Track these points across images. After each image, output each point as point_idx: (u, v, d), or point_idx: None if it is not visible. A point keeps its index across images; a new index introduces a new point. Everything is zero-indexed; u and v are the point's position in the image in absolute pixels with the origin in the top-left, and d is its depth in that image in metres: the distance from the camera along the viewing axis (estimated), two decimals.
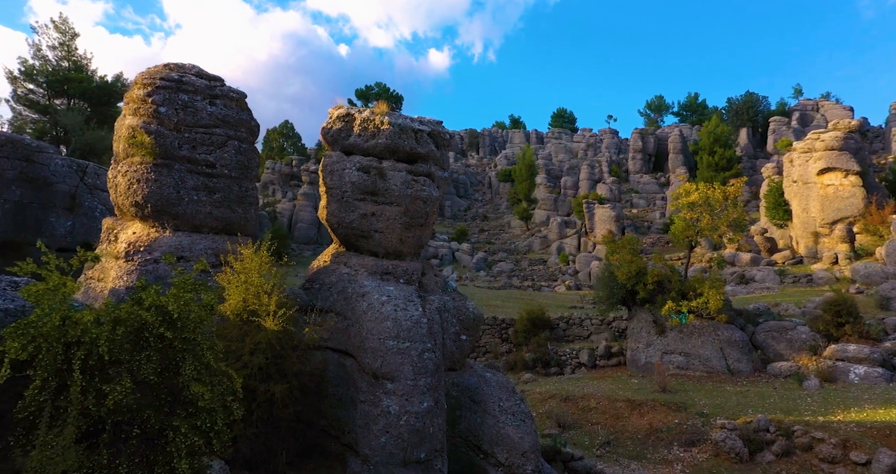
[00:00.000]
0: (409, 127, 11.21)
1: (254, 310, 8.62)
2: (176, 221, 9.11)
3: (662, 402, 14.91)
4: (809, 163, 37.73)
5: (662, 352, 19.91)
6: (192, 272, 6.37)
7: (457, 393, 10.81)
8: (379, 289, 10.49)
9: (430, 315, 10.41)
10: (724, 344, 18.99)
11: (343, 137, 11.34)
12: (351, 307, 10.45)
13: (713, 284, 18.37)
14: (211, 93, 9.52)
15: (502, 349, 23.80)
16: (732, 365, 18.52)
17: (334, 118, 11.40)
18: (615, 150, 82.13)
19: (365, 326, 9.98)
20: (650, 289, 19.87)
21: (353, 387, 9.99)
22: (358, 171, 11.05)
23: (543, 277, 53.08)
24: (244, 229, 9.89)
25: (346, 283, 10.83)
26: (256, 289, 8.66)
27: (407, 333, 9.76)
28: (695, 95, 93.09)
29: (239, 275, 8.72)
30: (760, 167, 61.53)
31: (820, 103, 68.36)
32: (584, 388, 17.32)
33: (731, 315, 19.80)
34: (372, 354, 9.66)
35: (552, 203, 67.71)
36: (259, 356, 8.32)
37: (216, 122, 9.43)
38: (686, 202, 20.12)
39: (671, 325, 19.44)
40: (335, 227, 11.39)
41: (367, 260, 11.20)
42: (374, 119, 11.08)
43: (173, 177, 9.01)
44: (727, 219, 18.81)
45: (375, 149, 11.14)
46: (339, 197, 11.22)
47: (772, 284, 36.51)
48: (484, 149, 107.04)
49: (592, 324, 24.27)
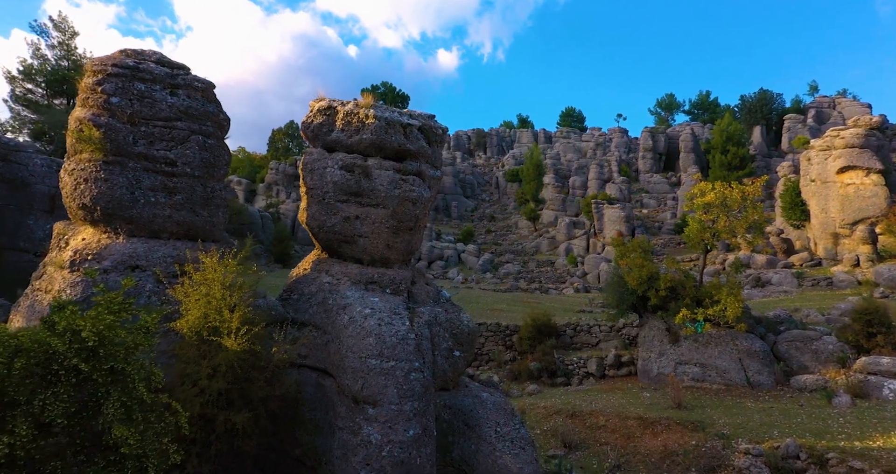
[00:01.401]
0: (396, 121, 10.15)
1: (216, 326, 7.60)
2: (130, 226, 8.10)
3: (678, 421, 13.73)
4: (828, 162, 36.25)
5: (676, 363, 18.71)
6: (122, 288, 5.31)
7: (449, 417, 9.72)
8: (362, 301, 9.44)
9: (419, 329, 9.33)
10: (744, 354, 17.75)
11: (324, 133, 10.30)
12: (331, 320, 9.41)
13: (731, 290, 17.13)
14: (172, 82, 8.51)
15: (506, 357, 22.70)
16: (752, 378, 17.28)
17: (315, 111, 10.37)
18: (625, 150, 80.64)
19: (345, 343, 8.93)
20: (662, 295, 18.68)
21: (331, 412, 8.94)
22: (340, 170, 10.01)
23: (551, 279, 51.85)
24: (210, 234, 8.87)
25: (327, 294, 9.79)
26: (219, 303, 7.63)
27: (391, 351, 8.69)
28: (706, 93, 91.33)
29: (199, 287, 7.71)
30: (775, 166, 59.90)
31: (837, 100, 66.48)
32: (593, 402, 16.17)
33: (751, 323, 18.55)
34: (352, 375, 8.61)
35: (560, 203, 66.43)
36: (219, 380, 7.28)
37: (177, 115, 8.42)
38: (701, 203, 18.89)
39: (685, 334, 18.23)
40: (316, 232, 10.37)
41: (351, 267, 10.15)
42: (359, 112, 10.03)
43: (127, 176, 8.00)
44: (746, 221, 17.53)
45: (360, 146, 10.09)
46: (319, 198, 10.19)
47: (789, 287, 35.10)
48: (491, 148, 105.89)
49: (601, 330, 23.10)
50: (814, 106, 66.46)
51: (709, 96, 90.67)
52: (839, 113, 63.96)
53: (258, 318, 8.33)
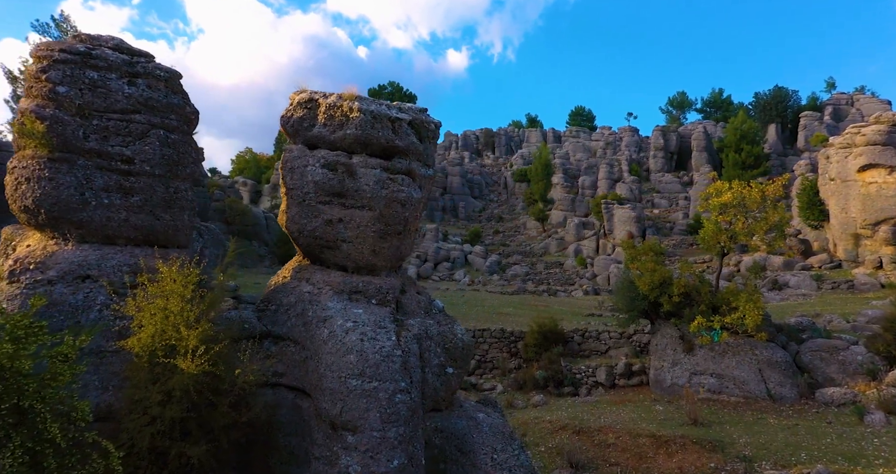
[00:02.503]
0: (384, 115, 9.23)
1: (173, 345, 6.72)
2: (80, 231, 7.25)
3: (694, 439, 12.68)
4: (849, 160, 34.84)
5: (691, 373, 17.63)
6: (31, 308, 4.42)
7: (440, 442, 8.79)
8: (344, 313, 8.53)
9: (407, 345, 8.40)
10: (764, 365, 16.64)
11: (305, 128, 9.41)
12: (310, 334, 8.51)
13: (750, 297, 16.04)
14: (130, 70, 7.64)
15: (511, 365, 21.72)
16: (774, 391, 16.16)
17: (295, 104, 9.48)
18: (635, 149, 79.18)
19: (324, 360, 8.03)
20: (676, 301, 17.62)
21: (307, 438, 8.05)
22: (322, 169, 9.10)
23: (559, 281, 50.71)
24: (174, 240, 7.99)
25: (307, 305, 8.89)
26: (176, 319, 6.75)
27: (374, 370, 7.78)
28: (719, 91, 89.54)
29: (155, 300, 6.83)
30: (790, 165, 58.28)
31: (855, 97, 64.60)
32: (601, 417, 15.15)
33: (771, 331, 17.43)
34: (330, 397, 7.70)
35: (569, 203, 65.22)
36: (173, 407, 6.40)
37: (136, 107, 7.55)
38: (717, 203, 17.77)
39: (701, 343, 17.14)
40: (296, 236, 9.47)
41: (334, 275, 9.25)
42: (342, 105, 9.12)
43: (76, 175, 7.15)
44: (766, 223, 16.39)
45: (344, 142, 9.19)
46: (299, 199, 9.30)
47: (808, 290, 33.77)
48: (500, 148, 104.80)
49: (611, 337, 22.04)
50: (831, 103, 64.63)
51: (722, 94, 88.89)
52: (857, 110, 62.14)
53: (225, 334, 7.44)
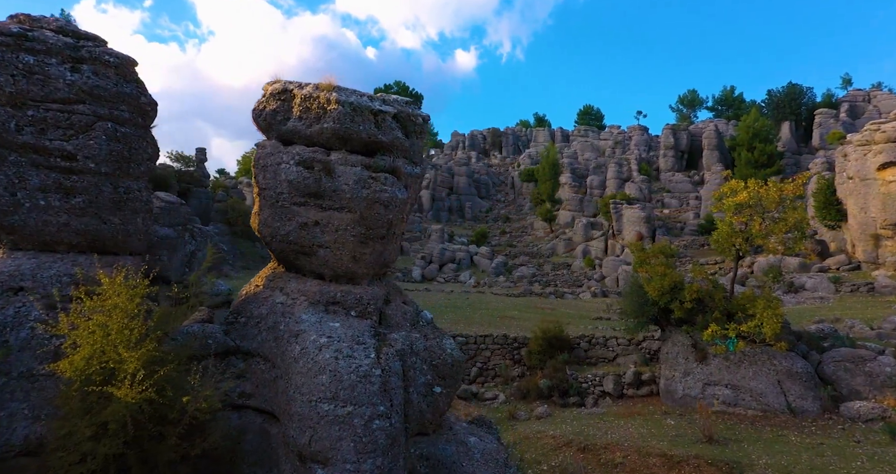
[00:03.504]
0: (365, 107, 8.34)
1: (113, 368, 5.87)
2: (12, 237, 6.43)
3: (709, 460, 11.68)
4: (868, 158, 33.50)
5: (704, 384, 16.59)
6: None
7: (426, 471, 7.87)
8: (318, 327, 7.65)
9: (388, 362, 7.50)
10: (783, 375, 15.57)
11: (279, 121, 8.54)
12: (281, 351, 7.65)
13: (768, 303, 14.97)
14: (74, 55, 6.80)
15: (514, 372, 20.77)
16: (794, 404, 15.10)
17: (268, 96, 8.61)
18: (645, 148, 77.80)
19: (293, 381, 7.15)
20: (688, 307, 16.59)
21: (275, 470, 7.18)
22: (297, 166, 8.23)
23: (567, 283, 49.66)
24: (125, 246, 7.14)
25: (279, 317, 8.02)
26: (115, 338, 5.90)
27: (349, 392, 6.89)
28: (731, 89, 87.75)
29: (94, 316, 5.99)
30: (805, 163, 56.76)
31: (872, 94, 62.86)
32: (609, 432, 14.17)
33: (790, 339, 16.35)
34: (298, 423, 6.82)
35: (577, 203, 64.09)
36: (107, 442, 5.54)
37: (79, 96, 6.71)
38: (732, 203, 16.70)
39: (715, 352, 16.10)
40: (269, 241, 8.61)
41: (310, 284, 8.37)
42: (319, 96, 8.24)
43: (6, 172, 6.33)
44: (786, 224, 15.31)
45: (321, 137, 8.31)
46: (272, 200, 8.43)
47: (825, 293, 32.49)
48: (507, 148, 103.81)
49: (619, 344, 21.03)
50: (847, 100, 62.95)
51: (733, 92, 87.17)
52: (874, 107, 60.44)
53: (180, 353, 6.59)
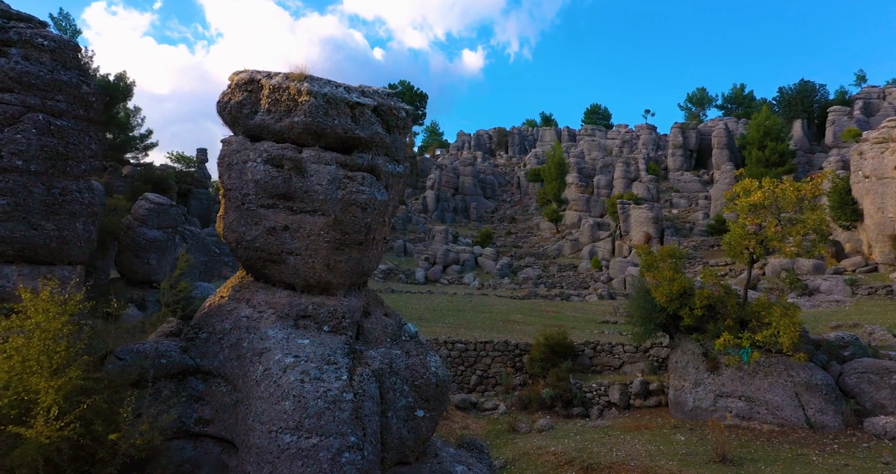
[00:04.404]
0: (340, 99, 7.50)
1: (30, 401, 5.07)
2: None
3: None
4: (885, 156, 32.31)
5: (716, 395, 15.64)
6: None
7: None
8: (285, 345, 6.83)
9: (362, 385, 6.67)
10: (801, 388, 14.60)
11: (246, 115, 7.73)
12: (244, 372, 6.83)
13: (785, 311, 13.99)
14: (1, 37, 6.01)
15: (515, 381, 19.89)
16: (814, 418, 14.11)
17: (234, 86, 7.80)
18: (653, 147, 76.55)
19: (254, 408, 6.34)
20: (699, 314, 15.64)
21: None
22: (265, 165, 7.42)
23: (573, 285, 48.68)
24: (61, 254, 6.33)
25: (243, 333, 7.21)
26: (33, 365, 5.09)
27: (315, 421, 6.07)
28: (741, 87, 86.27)
29: (12, 339, 5.19)
30: (817, 162, 55.42)
31: (887, 90, 61.31)
32: (614, 448, 13.27)
33: (809, 349, 15.35)
34: (256, 457, 6.00)
35: (584, 203, 63.01)
36: None
37: (5, 84, 5.91)
38: (746, 204, 15.72)
39: (727, 363, 15.15)
40: (234, 248, 7.79)
41: (279, 296, 7.55)
42: (289, 87, 7.43)
43: None
44: (804, 227, 14.30)
45: (292, 132, 7.49)
46: (238, 202, 7.62)
47: (841, 296, 31.32)
48: (513, 148, 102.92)
49: (625, 351, 20.10)
50: (861, 97, 61.46)
51: (743, 90, 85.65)
52: (890, 104, 58.97)
53: (115, 380, 5.79)
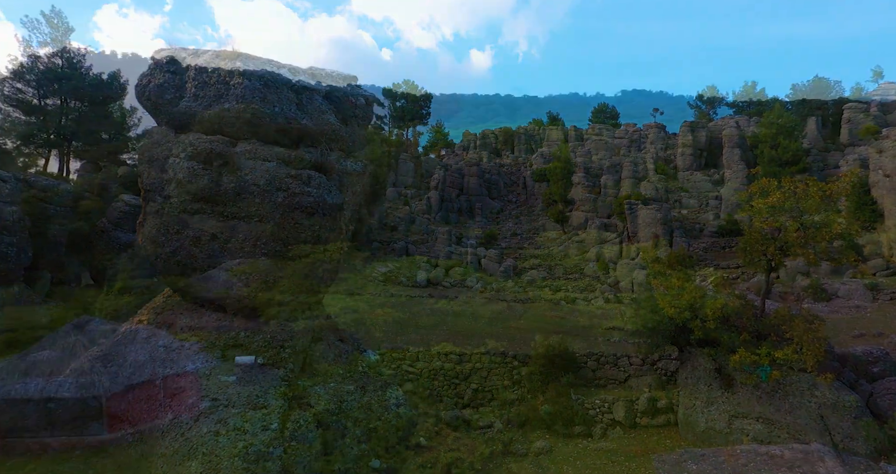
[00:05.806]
0: (282, 82, 6.30)
1: None
2: None
3: None
4: None
5: (731, 416, 14.24)
6: None
7: None
8: (204, 384, 5.59)
9: (297, 434, 5.41)
10: (827, 409, 13.16)
11: (168, 101, 6.55)
12: (151, 418, 5.59)
13: (809, 326, 12.57)
14: None
15: (512, 395, 18.50)
16: (841, 444, 12.67)
17: (154, 67, 6.57)
18: (661, 146, 74.68)
19: (156, 468, 5.09)
20: (711, 327, 14.22)
21: None
22: (189, 161, 6.22)
23: (579, 288, 47.05)
24: None
25: (159, 367, 6.00)
26: None
27: None
28: (752, 84, 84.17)
29: None
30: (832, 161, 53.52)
31: None
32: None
33: (834, 365, 13.90)
34: None
35: (591, 204, 61.34)
36: None
37: None
38: (763, 205, 14.28)
39: (742, 381, 13.74)
40: (153, 260, 6.56)
41: (205, 320, 6.37)
42: (219, 67, 6.17)
43: None
44: (830, 231, 12.85)
45: (223, 122, 6.26)
46: (158, 206, 6.40)
47: (862, 301, 29.68)
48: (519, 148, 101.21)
49: (631, 363, 18.69)
50: (878, 94, 59.43)
51: (755, 87, 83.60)
52: None
53: None
